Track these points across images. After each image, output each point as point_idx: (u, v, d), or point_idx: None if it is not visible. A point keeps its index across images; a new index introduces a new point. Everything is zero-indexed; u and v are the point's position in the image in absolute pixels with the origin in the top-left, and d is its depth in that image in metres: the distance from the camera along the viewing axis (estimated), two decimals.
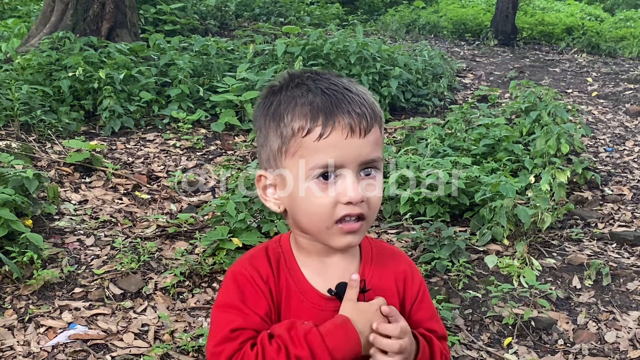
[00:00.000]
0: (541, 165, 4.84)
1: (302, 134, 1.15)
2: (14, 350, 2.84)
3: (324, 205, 1.17)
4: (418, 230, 3.95)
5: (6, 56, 6.77)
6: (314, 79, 1.21)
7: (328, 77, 1.22)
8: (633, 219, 4.57)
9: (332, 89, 1.18)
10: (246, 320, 1.20)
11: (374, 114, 1.19)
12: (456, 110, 6.07)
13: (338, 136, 1.15)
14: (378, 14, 14.13)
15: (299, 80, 1.22)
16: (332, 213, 1.17)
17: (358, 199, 1.16)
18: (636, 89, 8.44)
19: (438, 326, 1.37)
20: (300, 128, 1.16)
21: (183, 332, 3.02)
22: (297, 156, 1.17)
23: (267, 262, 1.26)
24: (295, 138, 1.17)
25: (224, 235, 3.54)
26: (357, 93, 1.19)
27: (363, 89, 1.23)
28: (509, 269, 3.70)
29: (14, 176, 3.76)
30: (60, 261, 3.53)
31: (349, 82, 1.22)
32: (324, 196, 1.17)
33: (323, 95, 1.17)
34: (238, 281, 1.24)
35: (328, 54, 6.78)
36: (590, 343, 3.19)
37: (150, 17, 9.01)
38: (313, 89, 1.18)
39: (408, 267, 1.36)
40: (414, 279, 1.35)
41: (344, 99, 1.17)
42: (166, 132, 5.80)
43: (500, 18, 11.73)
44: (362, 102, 1.18)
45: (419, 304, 1.34)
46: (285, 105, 1.19)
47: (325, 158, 1.15)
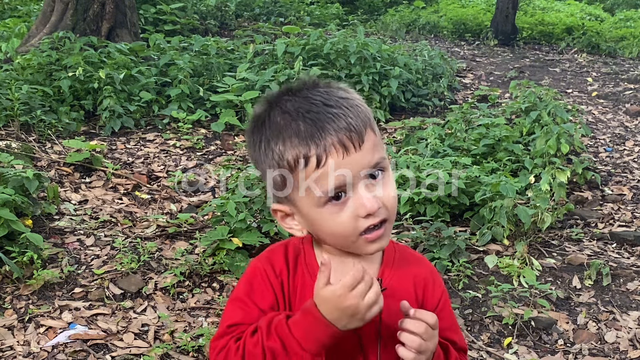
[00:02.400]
0: (541, 165, 4.84)
1: (300, 167, 1.14)
2: (14, 350, 2.84)
3: (345, 224, 1.17)
4: (418, 230, 3.95)
5: (6, 56, 6.77)
6: (292, 101, 1.18)
7: (306, 95, 1.18)
8: (633, 219, 4.57)
9: (313, 111, 1.15)
10: (246, 315, 1.23)
11: (361, 121, 1.16)
12: (456, 110, 6.07)
13: (335, 158, 1.13)
14: (378, 14, 14.13)
15: (278, 106, 1.18)
16: (354, 228, 1.18)
17: (375, 208, 1.16)
18: (636, 89, 8.44)
19: (458, 338, 1.35)
20: (296, 162, 1.14)
21: (183, 332, 3.02)
22: (302, 187, 1.17)
23: (284, 257, 1.28)
24: (294, 172, 1.16)
25: (224, 235, 3.54)
26: (338, 106, 1.16)
27: (344, 93, 1.19)
28: (509, 269, 3.70)
29: (14, 176, 3.76)
30: (60, 261, 3.53)
31: (326, 94, 1.18)
32: (343, 215, 1.17)
33: (306, 121, 1.14)
34: (250, 274, 1.28)
35: (328, 54, 6.78)
36: (590, 343, 3.19)
37: (150, 17, 9.01)
38: (294, 115, 1.15)
39: (430, 275, 1.35)
40: (434, 287, 1.34)
41: (327, 119, 1.14)
42: (166, 132, 5.80)
43: (500, 18, 11.73)
44: (346, 114, 1.15)
45: (439, 313, 1.31)
46: (275, 141, 1.16)
47: (330, 183, 1.14)
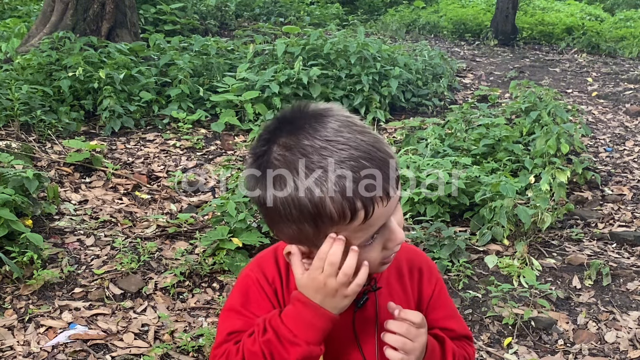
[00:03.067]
0: (541, 165, 4.84)
1: (345, 222, 1.04)
2: (14, 350, 2.84)
3: (375, 258, 1.14)
4: (418, 230, 3.95)
5: (6, 56, 6.77)
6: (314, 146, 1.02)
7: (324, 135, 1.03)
8: (633, 219, 4.57)
9: (347, 157, 1.01)
10: (245, 323, 1.22)
11: (392, 161, 1.06)
12: (456, 110, 6.07)
13: (380, 208, 1.06)
14: (378, 14, 14.13)
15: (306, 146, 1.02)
16: (382, 258, 1.16)
17: (404, 238, 1.14)
18: (636, 89, 8.44)
19: (457, 325, 1.35)
20: (341, 217, 1.04)
21: (183, 332, 3.02)
22: (340, 236, 1.08)
23: (275, 264, 1.27)
24: (333, 225, 1.05)
25: (224, 235, 3.54)
26: (368, 147, 1.04)
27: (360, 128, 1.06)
28: (509, 269, 3.70)
29: (14, 176, 3.76)
30: (60, 261, 3.53)
31: (347, 130, 1.04)
32: (373, 251, 1.13)
33: (341, 169, 1.01)
34: (244, 284, 1.27)
35: (328, 54, 6.78)
36: (590, 343, 3.19)
37: (150, 17, 9.01)
38: (328, 164, 1.01)
39: (425, 266, 1.35)
40: (430, 278, 1.34)
41: (364, 166, 1.02)
42: (166, 132, 5.80)
43: (500, 18, 11.73)
44: (380, 158, 1.04)
45: (435, 302, 1.33)
46: (309, 193, 1.02)
47: (371, 230, 1.09)
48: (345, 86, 6.53)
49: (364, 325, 1.26)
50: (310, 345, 1.13)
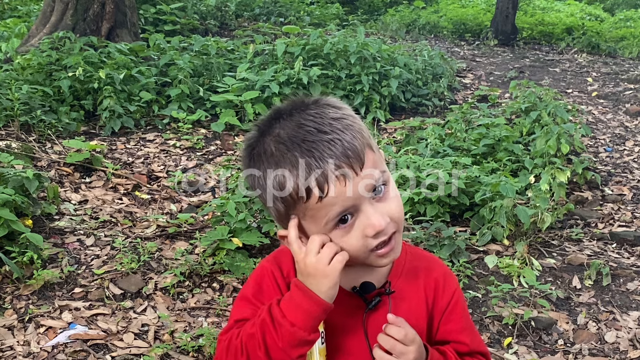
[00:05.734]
0: (541, 165, 4.84)
1: (303, 201, 1.12)
2: (14, 350, 2.84)
3: (355, 245, 1.16)
4: (418, 230, 3.95)
5: (6, 56, 6.77)
6: (285, 128, 1.14)
7: (298, 120, 1.14)
8: (633, 219, 4.57)
9: (308, 140, 1.11)
10: (253, 312, 1.24)
11: (358, 143, 1.13)
12: (456, 110, 6.07)
13: (338, 188, 1.11)
14: (378, 14, 14.13)
15: (271, 135, 1.15)
16: (364, 246, 1.17)
17: (383, 226, 1.15)
18: (636, 89, 8.44)
19: (470, 340, 1.33)
20: (297, 194, 1.12)
21: (183, 332, 3.02)
22: (307, 217, 1.16)
23: (291, 259, 1.28)
24: (297, 204, 1.14)
25: (224, 235, 3.54)
26: (332, 130, 1.12)
27: (335, 113, 1.15)
28: (509, 269, 3.70)
29: (14, 176, 3.75)
30: (60, 261, 3.53)
31: (319, 116, 1.14)
32: (352, 237, 1.16)
33: (302, 152, 1.11)
34: (259, 274, 1.30)
35: (328, 54, 6.78)
36: (590, 343, 3.19)
37: (150, 17, 9.01)
38: (289, 145, 1.12)
39: (441, 277, 1.33)
40: (445, 289, 1.32)
41: (325, 149, 1.10)
42: (166, 132, 5.80)
43: (500, 18, 11.73)
44: (342, 139, 1.11)
45: (449, 315, 1.31)
46: (272, 175, 1.14)
47: (334, 210, 1.13)
48: (345, 86, 6.54)
49: (375, 326, 1.26)
50: (295, 328, 1.13)
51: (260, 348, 1.15)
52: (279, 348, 1.14)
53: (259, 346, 1.15)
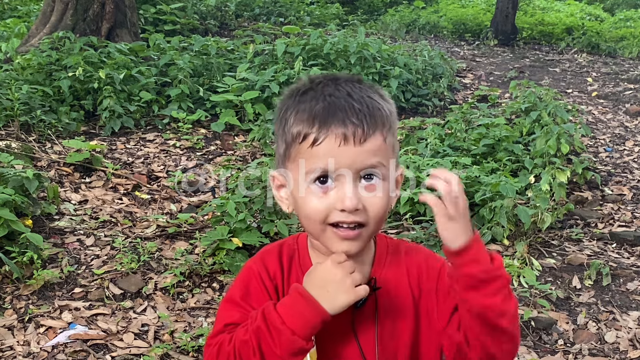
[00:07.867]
0: (541, 165, 4.84)
1: (299, 140, 1.17)
2: (14, 350, 2.84)
3: (319, 209, 1.18)
4: (418, 230, 3.95)
5: (6, 56, 6.77)
6: (325, 84, 1.21)
7: (339, 82, 1.21)
8: (633, 219, 4.57)
9: (335, 96, 1.17)
10: (242, 316, 1.23)
11: (374, 122, 1.16)
12: (456, 110, 6.07)
13: (331, 144, 1.14)
14: (378, 14, 14.13)
15: (312, 85, 1.22)
16: (325, 216, 1.18)
17: (352, 207, 1.15)
18: (636, 89, 8.44)
19: None
20: (298, 134, 1.17)
21: (183, 332, 3.02)
22: (296, 160, 1.19)
23: (278, 259, 1.29)
24: (294, 143, 1.18)
25: (224, 235, 3.54)
26: (360, 100, 1.17)
27: (375, 95, 1.21)
28: (509, 269, 3.70)
29: (14, 176, 3.75)
30: (60, 261, 3.53)
31: (359, 88, 1.20)
32: (321, 201, 1.18)
33: (323, 102, 1.17)
34: (246, 276, 1.29)
35: (328, 54, 6.78)
36: (590, 343, 3.19)
37: (150, 17, 9.01)
38: (318, 95, 1.19)
39: (423, 260, 1.32)
40: (429, 269, 1.31)
41: (342, 107, 1.16)
42: (166, 132, 5.80)
43: (500, 18, 11.73)
44: (361, 110, 1.16)
45: (443, 288, 1.27)
46: (290, 111, 1.20)
47: (319, 164, 1.16)
48: None
49: (363, 324, 1.26)
50: (295, 336, 1.13)
51: (255, 355, 1.15)
52: (276, 355, 1.13)
53: (253, 353, 1.15)
